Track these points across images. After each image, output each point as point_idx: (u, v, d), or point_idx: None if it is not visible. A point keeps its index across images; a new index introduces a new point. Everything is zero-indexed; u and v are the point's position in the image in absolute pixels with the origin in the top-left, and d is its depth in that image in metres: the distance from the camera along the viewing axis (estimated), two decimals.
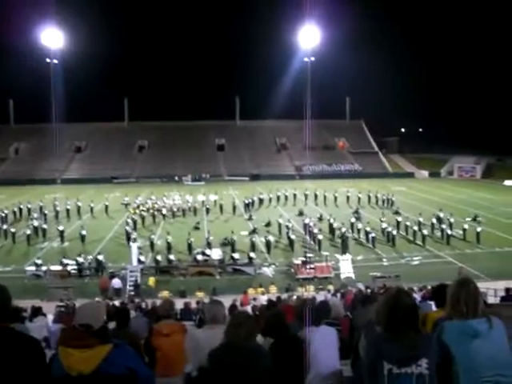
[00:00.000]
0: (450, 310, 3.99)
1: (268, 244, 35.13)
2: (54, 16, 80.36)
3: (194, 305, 19.36)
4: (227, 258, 32.47)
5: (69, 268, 30.53)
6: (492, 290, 20.15)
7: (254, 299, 22.74)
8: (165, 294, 25.43)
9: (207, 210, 48.30)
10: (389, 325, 3.74)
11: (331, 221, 39.61)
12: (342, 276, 29.80)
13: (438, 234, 38.14)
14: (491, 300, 17.55)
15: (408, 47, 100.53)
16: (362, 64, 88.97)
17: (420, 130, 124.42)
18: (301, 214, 45.21)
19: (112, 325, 6.57)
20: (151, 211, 47.16)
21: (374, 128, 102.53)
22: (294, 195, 55.02)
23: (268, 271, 31.21)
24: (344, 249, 34.03)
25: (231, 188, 59.84)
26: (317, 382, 5.31)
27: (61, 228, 38.21)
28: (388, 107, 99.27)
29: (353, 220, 40.48)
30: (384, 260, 32.93)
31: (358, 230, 38.68)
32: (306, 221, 39.76)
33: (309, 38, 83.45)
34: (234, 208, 49.06)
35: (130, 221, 41.11)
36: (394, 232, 37.05)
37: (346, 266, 30.55)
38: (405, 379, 3.62)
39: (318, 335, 5.57)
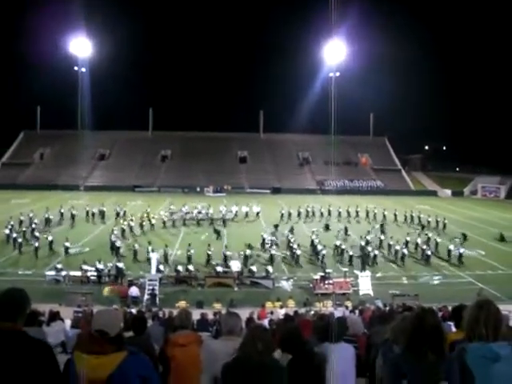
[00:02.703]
0: (468, 331, 3.90)
1: (294, 257, 35.73)
2: (82, 25, 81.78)
3: (210, 316, 19.33)
4: (245, 271, 32.40)
5: (88, 274, 30.72)
6: None
7: (272, 313, 22.65)
8: (182, 304, 25.42)
9: (223, 222, 48.23)
10: (411, 344, 3.66)
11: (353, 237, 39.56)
12: (361, 293, 29.55)
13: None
14: None
15: (434, 64, 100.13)
16: (387, 80, 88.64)
17: (444, 148, 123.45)
18: (327, 227, 45.01)
19: (128, 333, 6.57)
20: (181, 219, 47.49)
21: (398, 145, 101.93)
22: (314, 211, 54.55)
23: (286, 285, 31.07)
24: (363, 265, 33.79)
25: (254, 200, 59.77)
26: None
27: (50, 238, 37.23)
28: (412, 124, 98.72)
29: (381, 237, 40.30)
30: (404, 278, 32.60)
31: (389, 246, 38.45)
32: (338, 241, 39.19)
33: (334, 52, 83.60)
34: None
35: (116, 231, 40.29)
36: (405, 251, 36.71)
37: (364, 283, 30.31)
38: None
39: (335, 352, 5.50)
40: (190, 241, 37.67)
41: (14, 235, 37.92)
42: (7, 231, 39.19)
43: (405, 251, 36.44)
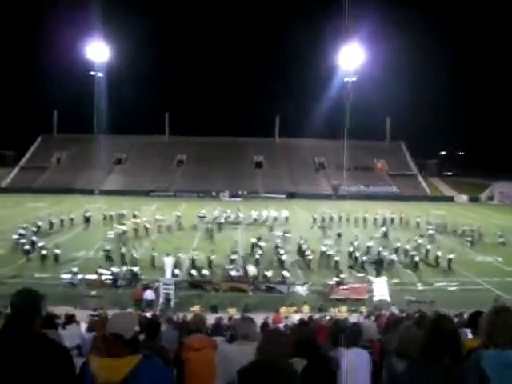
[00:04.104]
0: (485, 338, 3.87)
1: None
2: (99, 30, 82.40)
3: (225, 320, 19.33)
4: (260, 276, 32.36)
5: (104, 278, 30.87)
6: None
7: (286, 318, 22.61)
8: (196, 308, 25.44)
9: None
10: (427, 350, 3.63)
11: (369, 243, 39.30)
12: (376, 298, 29.37)
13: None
14: None
15: (451, 69, 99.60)
16: (404, 85, 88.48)
17: (461, 153, 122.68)
18: (339, 235, 44.70)
19: (143, 336, 6.59)
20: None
21: (414, 150, 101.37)
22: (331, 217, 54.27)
23: (301, 290, 30.98)
24: (378, 271, 33.63)
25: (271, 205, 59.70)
26: None
27: (41, 244, 36.47)
28: (429, 129, 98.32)
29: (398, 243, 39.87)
30: (419, 284, 32.38)
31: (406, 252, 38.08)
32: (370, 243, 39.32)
33: (351, 57, 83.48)
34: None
35: (111, 235, 40.34)
36: (417, 258, 36.35)
37: (380, 289, 30.10)
38: None
39: (350, 357, 5.48)
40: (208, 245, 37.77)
41: (23, 241, 37.51)
42: (16, 236, 38.79)
43: (417, 258, 36.21)
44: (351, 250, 37.38)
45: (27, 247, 36.14)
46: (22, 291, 3.96)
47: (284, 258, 35.69)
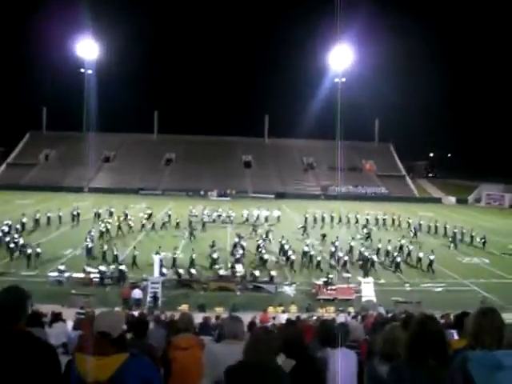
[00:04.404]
0: (472, 339, 3.88)
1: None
2: (89, 27, 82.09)
3: (213, 320, 19.30)
4: (248, 275, 32.34)
5: (91, 276, 30.74)
6: None
7: (274, 318, 22.61)
8: (184, 307, 25.38)
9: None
10: (412, 351, 3.63)
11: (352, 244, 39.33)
12: (364, 299, 29.45)
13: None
14: None
15: (440, 72, 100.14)
16: (393, 86, 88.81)
17: (449, 155, 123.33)
18: (324, 236, 44.65)
19: (130, 335, 6.57)
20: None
21: (403, 151, 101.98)
22: (323, 217, 54.35)
23: (289, 290, 31.02)
24: (366, 272, 33.73)
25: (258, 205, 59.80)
26: None
27: (21, 242, 35.49)
28: (417, 131, 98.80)
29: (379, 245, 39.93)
30: (406, 285, 32.50)
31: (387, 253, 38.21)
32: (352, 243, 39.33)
33: (340, 58, 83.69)
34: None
35: (93, 233, 39.70)
36: (398, 259, 36.32)
37: (367, 289, 30.21)
38: None
39: (336, 357, 5.49)
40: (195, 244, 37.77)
41: (7, 239, 36.41)
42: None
43: (398, 259, 36.28)
44: (333, 249, 37.36)
45: (12, 245, 35.21)
46: (8, 288, 3.94)
47: (266, 257, 35.66)
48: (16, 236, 36.97)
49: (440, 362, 3.55)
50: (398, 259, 36.10)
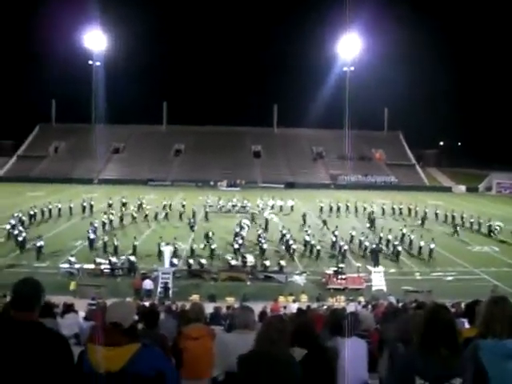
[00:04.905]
0: (483, 328, 3.88)
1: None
2: (97, 19, 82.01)
3: (224, 310, 19.38)
4: (259, 265, 32.40)
5: (102, 267, 30.92)
6: None
7: (285, 307, 22.67)
8: (195, 297, 25.50)
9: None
10: (424, 340, 3.64)
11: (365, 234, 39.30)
12: (374, 288, 29.47)
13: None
14: None
15: (450, 59, 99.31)
16: (402, 75, 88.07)
17: (459, 143, 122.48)
18: (324, 223, 44.82)
19: (142, 325, 6.61)
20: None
21: (412, 140, 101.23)
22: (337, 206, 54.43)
23: (299, 279, 31.05)
24: (376, 261, 33.69)
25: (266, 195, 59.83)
26: None
27: (40, 243, 34.03)
28: (427, 119, 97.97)
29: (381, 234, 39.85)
30: (417, 274, 32.46)
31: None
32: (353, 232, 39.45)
33: (349, 47, 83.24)
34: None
35: (96, 224, 39.78)
36: (399, 248, 36.28)
37: (377, 279, 30.22)
38: None
39: (347, 346, 5.50)
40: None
41: (16, 232, 36.28)
42: (8, 226, 38.17)
43: (399, 248, 36.19)
44: (334, 239, 37.41)
45: (21, 238, 35.20)
46: (24, 280, 3.99)
47: (265, 246, 35.70)
48: (21, 229, 36.74)
49: (451, 351, 3.56)
50: (399, 248, 36.06)
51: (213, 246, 34.74)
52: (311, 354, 4.92)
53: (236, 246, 35.58)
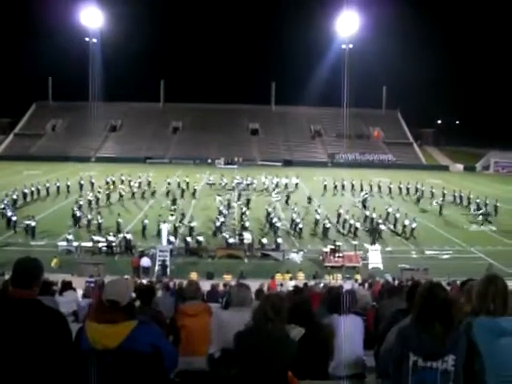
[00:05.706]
0: (476, 306, 3.92)
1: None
2: None
3: (221, 287, 19.48)
4: (256, 242, 32.48)
5: (100, 245, 30.99)
6: None
7: (281, 285, 22.81)
8: (193, 275, 25.60)
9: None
10: (420, 316, 3.69)
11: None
12: (370, 266, 29.62)
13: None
14: None
15: (448, 37, 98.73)
16: (401, 53, 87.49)
17: (457, 122, 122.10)
18: (309, 200, 45.39)
19: (139, 303, 6.65)
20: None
21: (410, 118, 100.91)
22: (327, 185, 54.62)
23: (296, 257, 31.17)
24: (373, 239, 33.83)
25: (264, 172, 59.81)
26: (340, 370, 5.31)
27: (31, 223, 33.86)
28: (425, 98, 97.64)
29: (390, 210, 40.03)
30: (413, 252, 32.62)
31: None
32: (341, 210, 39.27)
33: (347, 24, 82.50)
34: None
35: (82, 202, 40.26)
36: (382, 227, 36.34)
37: (374, 257, 30.37)
38: (429, 373, 3.59)
39: (344, 324, 5.55)
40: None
41: (9, 213, 35.83)
42: (1, 206, 37.80)
43: (413, 225, 36.20)
44: (318, 217, 37.58)
45: (14, 218, 35.01)
46: (25, 258, 4.03)
47: (278, 224, 35.65)
48: (9, 211, 36.35)
49: (446, 328, 3.61)
50: (382, 227, 36.13)
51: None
52: (307, 332, 4.97)
53: (217, 224, 35.55)
